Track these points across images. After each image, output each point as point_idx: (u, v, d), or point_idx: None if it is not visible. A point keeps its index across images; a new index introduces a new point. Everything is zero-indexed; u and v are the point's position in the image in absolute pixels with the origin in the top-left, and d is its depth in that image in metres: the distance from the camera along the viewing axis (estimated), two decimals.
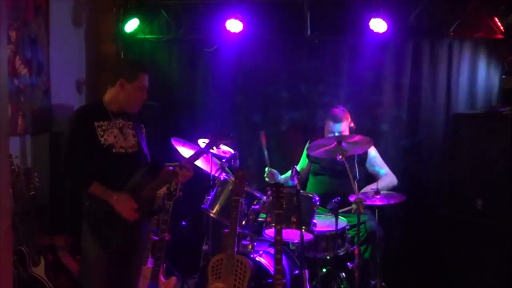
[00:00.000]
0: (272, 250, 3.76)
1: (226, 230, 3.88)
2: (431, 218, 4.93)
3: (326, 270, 4.20)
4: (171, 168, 3.46)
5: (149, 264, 4.19)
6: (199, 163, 4.50)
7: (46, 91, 4.66)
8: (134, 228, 3.32)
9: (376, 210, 4.15)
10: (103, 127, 3.25)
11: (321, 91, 5.18)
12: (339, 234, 4.08)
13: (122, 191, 3.24)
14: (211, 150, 3.96)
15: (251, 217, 4.07)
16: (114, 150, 3.25)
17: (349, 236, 4.20)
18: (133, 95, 3.31)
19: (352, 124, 4.65)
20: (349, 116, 4.63)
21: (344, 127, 4.54)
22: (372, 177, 4.62)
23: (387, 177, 4.57)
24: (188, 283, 4.58)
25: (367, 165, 4.63)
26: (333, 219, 3.99)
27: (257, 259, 3.92)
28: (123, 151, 3.29)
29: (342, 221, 4.13)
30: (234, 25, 5.01)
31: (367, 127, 4.98)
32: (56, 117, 4.71)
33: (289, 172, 4.65)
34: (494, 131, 4.33)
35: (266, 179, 4.56)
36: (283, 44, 5.22)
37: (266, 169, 4.56)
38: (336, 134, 4.48)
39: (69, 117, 3.40)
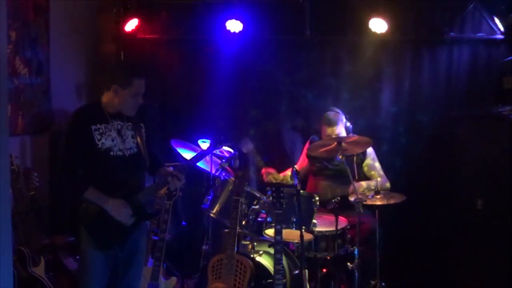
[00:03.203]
0: (272, 250, 3.76)
1: (226, 230, 3.88)
2: (431, 218, 4.93)
3: (326, 270, 4.20)
4: (170, 169, 3.45)
5: (149, 264, 4.19)
6: (199, 163, 4.51)
7: (46, 91, 4.66)
8: (132, 229, 3.31)
9: (376, 210, 4.14)
10: (100, 131, 3.21)
11: (321, 91, 5.19)
12: (339, 234, 4.08)
13: (118, 195, 3.22)
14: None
15: (251, 217, 4.07)
16: (111, 153, 3.23)
17: (349, 236, 4.20)
18: (128, 100, 3.25)
19: (348, 124, 4.66)
20: (343, 117, 4.64)
21: (339, 129, 4.54)
22: (368, 179, 4.61)
23: (381, 180, 4.56)
24: (188, 283, 4.58)
25: (365, 166, 4.63)
26: (333, 219, 3.99)
27: (257, 259, 3.92)
28: (121, 153, 3.26)
29: (342, 221, 4.13)
30: (234, 25, 5.01)
31: (367, 127, 4.98)
32: (56, 117, 4.71)
33: (288, 170, 4.68)
34: (494, 131, 4.33)
35: (266, 179, 4.58)
36: (283, 44, 5.23)
37: (263, 170, 4.59)
38: (334, 137, 4.49)
39: (67, 118, 3.37)
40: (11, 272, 2.31)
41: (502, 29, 4.80)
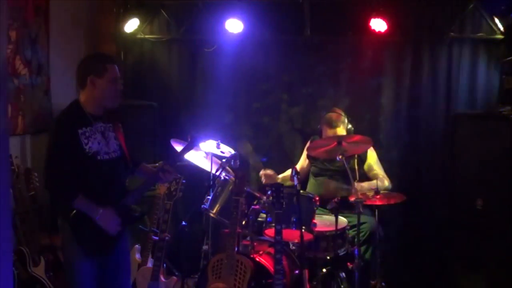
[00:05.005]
0: (272, 250, 3.76)
1: (226, 230, 3.88)
2: (431, 218, 4.93)
3: (326, 270, 4.20)
4: (154, 168, 3.42)
5: (149, 264, 4.19)
6: (199, 163, 4.51)
7: (46, 91, 4.66)
8: (119, 235, 3.26)
9: (376, 210, 4.14)
10: (86, 134, 3.15)
11: (321, 91, 5.19)
12: (339, 234, 4.08)
13: (106, 201, 3.16)
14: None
15: (251, 217, 4.07)
16: (98, 158, 3.18)
17: (349, 236, 4.20)
18: (107, 88, 3.20)
19: (350, 126, 4.67)
20: (345, 119, 4.64)
21: (340, 131, 4.54)
22: (369, 179, 4.61)
23: (382, 180, 4.56)
24: (188, 283, 4.58)
25: (365, 166, 4.63)
26: (333, 219, 4.00)
27: (257, 259, 3.92)
28: (107, 157, 3.22)
29: (342, 221, 4.13)
30: (234, 25, 5.01)
31: (367, 127, 4.98)
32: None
33: (288, 171, 4.68)
34: (494, 131, 4.33)
35: (264, 181, 4.58)
36: (283, 44, 5.23)
37: (261, 172, 4.60)
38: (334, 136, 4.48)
39: (51, 124, 3.27)
40: (11, 272, 2.31)
41: (502, 29, 4.80)
